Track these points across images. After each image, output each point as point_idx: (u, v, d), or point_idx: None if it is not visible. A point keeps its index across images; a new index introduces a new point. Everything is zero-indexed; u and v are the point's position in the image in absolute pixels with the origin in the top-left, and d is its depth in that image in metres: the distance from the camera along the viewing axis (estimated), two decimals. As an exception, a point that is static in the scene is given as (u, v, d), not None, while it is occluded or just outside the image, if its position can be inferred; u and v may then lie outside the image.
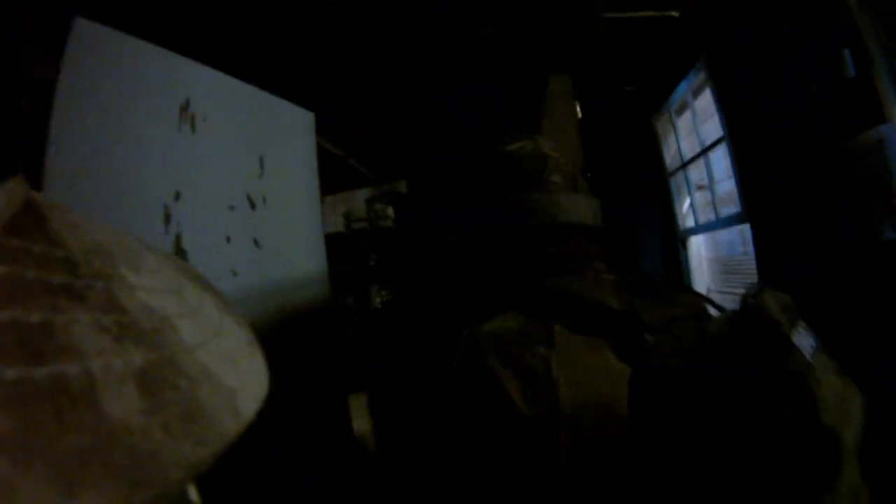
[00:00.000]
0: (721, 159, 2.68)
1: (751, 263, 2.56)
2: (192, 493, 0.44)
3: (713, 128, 2.71)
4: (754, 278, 2.56)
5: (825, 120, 1.78)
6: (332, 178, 4.95)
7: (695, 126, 2.69)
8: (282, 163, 1.78)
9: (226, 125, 1.53)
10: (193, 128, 1.41)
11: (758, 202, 2.26)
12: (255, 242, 1.64)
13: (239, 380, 0.30)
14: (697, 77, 2.56)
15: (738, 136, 2.29)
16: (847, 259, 1.84)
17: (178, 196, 1.35)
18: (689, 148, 2.87)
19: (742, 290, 2.76)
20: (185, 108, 1.39)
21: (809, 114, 1.82)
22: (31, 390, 0.20)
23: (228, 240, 1.53)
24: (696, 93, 2.66)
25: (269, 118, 1.75)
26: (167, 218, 1.33)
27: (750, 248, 2.57)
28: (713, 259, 2.84)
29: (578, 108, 2.05)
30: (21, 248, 0.25)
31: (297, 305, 1.78)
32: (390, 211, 5.50)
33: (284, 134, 1.83)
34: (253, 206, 1.65)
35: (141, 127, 1.24)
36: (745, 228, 2.56)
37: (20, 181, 0.29)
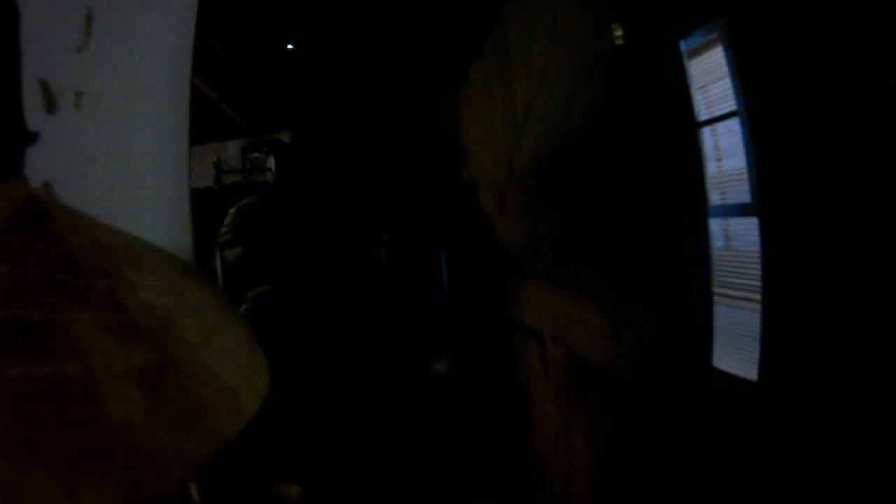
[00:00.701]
0: (709, 138, 2.31)
1: (734, 260, 2.25)
2: (193, 491, 0.51)
3: (702, 99, 2.32)
4: (734, 276, 2.26)
5: (891, 119, 1.47)
6: (201, 125, 4.56)
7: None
8: (129, 33, 0.88)
9: None
10: None
11: (777, 195, 1.88)
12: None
13: (240, 378, 0.31)
14: (705, 38, 2.11)
15: (760, 116, 1.86)
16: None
17: None
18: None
19: (716, 288, 2.48)
20: None
21: (872, 109, 1.50)
22: (33, 389, 0.20)
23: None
24: (693, 55, 2.23)
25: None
26: None
27: (736, 243, 2.25)
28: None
29: (618, 31, 1.44)
30: (23, 247, 0.25)
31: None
32: (270, 162, 4.54)
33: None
34: (51, 107, 0.77)
35: None
36: (733, 221, 2.23)
37: (22, 179, 0.31)
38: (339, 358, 2.93)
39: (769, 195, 1.97)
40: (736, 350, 2.22)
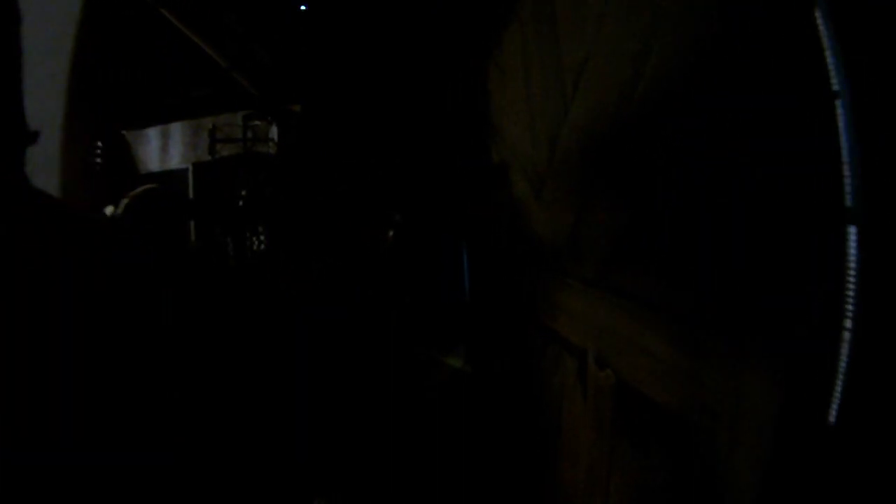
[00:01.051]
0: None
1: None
2: None
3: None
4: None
5: None
6: (213, 95, 4.49)
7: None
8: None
9: None
10: None
11: (886, 200, 1.40)
12: None
13: None
14: None
15: (870, 99, 1.38)
16: None
17: None
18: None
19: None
20: None
21: None
22: None
23: None
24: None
25: None
26: None
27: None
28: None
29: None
30: (25, 245, 0.25)
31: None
32: (273, 132, 4.14)
33: None
34: None
35: None
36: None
37: (23, 177, 0.26)
38: (338, 356, 2.62)
39: (875, 199, 1.48)
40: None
